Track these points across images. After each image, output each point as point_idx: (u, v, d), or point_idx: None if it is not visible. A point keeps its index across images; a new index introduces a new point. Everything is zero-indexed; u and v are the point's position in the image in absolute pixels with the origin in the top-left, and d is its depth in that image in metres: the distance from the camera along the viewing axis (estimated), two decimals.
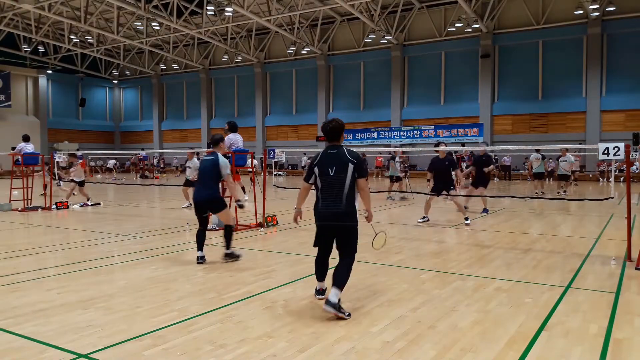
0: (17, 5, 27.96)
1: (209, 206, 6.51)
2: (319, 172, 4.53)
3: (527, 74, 30.11)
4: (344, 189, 4.43)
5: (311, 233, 9.37)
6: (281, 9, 30.53)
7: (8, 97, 39.90)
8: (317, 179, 4.55)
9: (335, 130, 4.59)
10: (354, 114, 35.75)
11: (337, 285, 4.33)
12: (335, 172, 4.45)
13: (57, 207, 13.35)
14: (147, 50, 41.73)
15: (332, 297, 4.25)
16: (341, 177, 4.43)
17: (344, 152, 4.51)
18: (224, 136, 7.05)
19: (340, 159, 4.47)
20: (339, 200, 4.44)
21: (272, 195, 16.71)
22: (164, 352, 3.59)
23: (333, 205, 4.45)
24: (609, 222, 10.60)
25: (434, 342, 3.77)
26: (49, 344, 3.74)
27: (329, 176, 4.47)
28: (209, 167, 6.44)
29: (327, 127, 4.61)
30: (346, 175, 4.43)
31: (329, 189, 4.48)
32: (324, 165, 4.51)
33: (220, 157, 6.46)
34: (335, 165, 4.46)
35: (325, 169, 4.49)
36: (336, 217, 4.45)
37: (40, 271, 6.23)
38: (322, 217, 4.52)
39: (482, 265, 6.52)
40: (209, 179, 6.43)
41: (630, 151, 6.70)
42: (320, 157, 4.58)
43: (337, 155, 4.50)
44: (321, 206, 4.52)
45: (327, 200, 4.48)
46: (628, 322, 4.23)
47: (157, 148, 44.09)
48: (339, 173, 4.44)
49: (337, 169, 4.45)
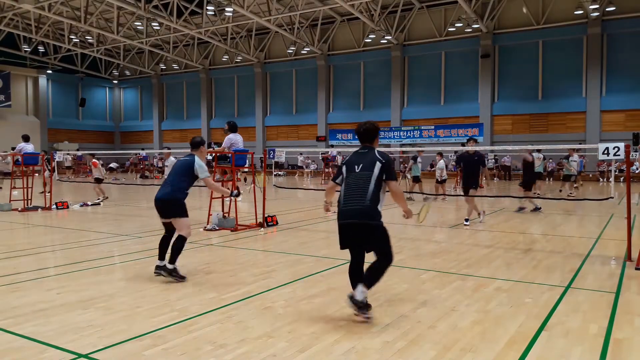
0: (17, 5, 27.96)
1: (164, 207, 5.64)
2: (345, 170, 4.41)
3: (527, 74, 30.10)
4: (369, 187, 4.24)
5: (311, 233, 9.42)
6: (281, 9, 30.53)
7: (8, 97, 39.90)
8: (343, 177, 4.42)
9: (369, 132, 4.50)
10: (354, 114, 35.73)
11: (364, 282, 4.15)
12: (362, 169, 4.31)
13: (57, 207, 13.36)
14: (147, 50, 41.72)
15: (357, 294, 4.08)
16: (367, 174, 4.28)
17: (374, 152, 4.41)
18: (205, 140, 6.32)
19: (369, 157, 4.37)
20: (363, 197, 4.22)
21: (272, 195, 16.71)
22: (164, 352, 3.59)
23: (356, 203, 4.23)
24: (609, 222, 10.60)
25: (434, 342, 3.77)
26: (49, 344, 3.74)
27: (354, 173, 4.33)
28: (180, 165, 5.80)
29: (361, 128, 4.51)
30: (372, 173, 4.26)
31: (353, 185, 4.30)
32: (351, 164, 4.41)
33: (197, 159, 5.82)
34: (362, 162, 4.34)
35: (352, 166, 4.38)
36: (359, 214, 4.21)
37: (40, 271, 6.23)
38: (344, 214, 4.29)
39: (482, 265, 6.52)
40: (174, 177, 5.72)
41: (630, 151, 6.70)
42: (349, 157, 4.51)
43: (366, 154, 4.41)
44: (344, 203, 4.32)
45: (350, 197, 4.28)
46: (628, 322, 4.23)
47: (157, 148, 44.05)
48: (365, 170, 4.30)
49: (364, 165, 4.31)
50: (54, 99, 44.22)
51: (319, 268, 6.30)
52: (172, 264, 5.51)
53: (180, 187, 5.66)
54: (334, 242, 8.45)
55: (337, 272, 6.12)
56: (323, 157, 27.27)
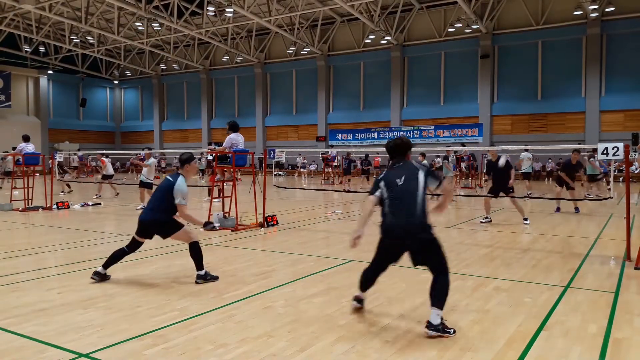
0: (18, 5, 27.98)
1: (156, 229, 5.55)
2: (385, 184, 4.11)
3: (526, 74, 30.12)
4: (417, 199, 3.97)
5: (311, 233, 9.43)
6: (281, 9, 30.55)
7: (8, 98, 39.93)
8: (384, 193, 4.11)
9: (399, 148, 4.30)
10: (354, 114, 35.77)
11: (436, 305, 3.85)
12: (405, 181, 4.05)
13: (58, 207, 13.37)
14: (147, 50, 41.73)
15: (433, 319, 3.81)
16: (411, 185, 4.02)
17: (411, 162, 4.23)
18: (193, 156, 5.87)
19: (409, 167, 4.16)
20: (411, 212, 3.95)
21: (272, 195, 16.72)
22: (165, 352, 3.60)
23: (405, 219, 3.94)
24: (608, 222, 10.61)
25: (434, 342, 3.78)
26: (49, 344, 3.75)
27: (398, 186, 4.04)
28: (161, 187, 5.56)
29: (391, 143, 4.34)
30: (417, 184, 4.02)
31: (398, 200, 4.01)
32: (391, 177, 4.13)
33: (179, 180, 5.46)
34: (403, 174, 4.09)
35: (393, 180, 4.09)
36: (410, 232, 3.93)
37: (41, 271, 6.24)
38: (393, 233, 4.02)
39: (481, 264, 6.53)
40: (155, 198, 5.58)
41: (630, 151, 6.71)
42: (386, 173, 4.23)
43: (404, 166, 4.19)
44: (390, 221, 4.01)
45: (397, 213, 3.99)
46: (627, 321, 4.24)
47: (158, 148, 44.07)
48: (409, 181, 4.04)
49: (407, 177, 4.06)
50: (54, 99, 44.25)
51: (319, 268, 6.31)
52: (199, 269, 5.50)
53: (160, 209, 5.50)
54: (334, 242, 8.49)
55: (337, 272, 6.13)
56: (323, 157, 27.29)
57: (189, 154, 5.78)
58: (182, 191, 5.42)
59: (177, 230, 5.52)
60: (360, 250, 5.00)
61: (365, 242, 5.25)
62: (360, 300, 4.53)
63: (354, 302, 4.54)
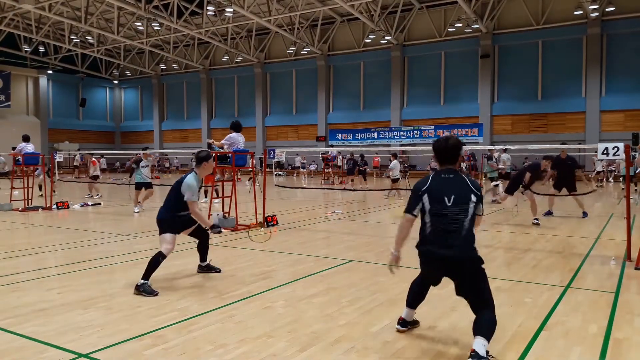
0: (18, 5, 27.97)
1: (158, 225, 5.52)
2: (430, 200, 3.51)
3: (526, 74, 30.12)
4: (465, 225, 3.47)
5: (311, 233, 9.43)
6: (281, 9, 30.54)
7: (8, 97, 39.92)
8: (425, 209, 3.53)
9: (456, 149, 3.61)
10: (354, 114, 35.77)
11: (485, 335, 3.31)
12: (454, 203, 3.47)
13: (58, 207, 13.36)
14: (147, 50, 41.73)
15: (480, 349, 3.23)
16: (463, 209, 3.46)
17: (463, 178, 3.57)
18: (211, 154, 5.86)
19: (461, 186, 3.52)
20: (458, 238, 3.46)
21: (272, 195, 16.71)
22: (164, 352, 3.59)
23: (450, 246, 3.45)
24: (609, 222, 10.61)
25: (434, 342, 3.77)
26: (49, 344, 3.74)
27: (445, 207, 3.47)
28: (173, 186, 5.53)
29: (444, 144, 3.63)
30: (468, 209, 3.47)
31: (443, 223, 3.47)
32: (437, 193, 3.51)
33: (189, 176, 5.43)
34: (454, 193, 3.48)
35: (440, 197, 3.49)
36: (453, 261, 3.48)
37: (41, 271, 6.24)
38: (435, 261, 3.55)
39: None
40: (167, 199, 5.54)
41: (630, 151, 6.70)
42: (430, 183, 3.56)
43: (455, 181, 3.54)
44: (432, 247, 3.52)
45: (440, 238, 3.48)
46: (627, 322, 4.24)
47: (158, 148, 44.06)
48: (459, 204, 3.47)
49: (456, 199, 3.47)
50: (54, 99, 44.25)
51: (319, 268, 6.30)
52: (143, 279, 5.13)
53: (167, 207, 5.48)
54: (334, 242, 8.49)
55: (337, 272, 6.13)
56: (323, 157, 27.29)
57: (206, 152, 5.74)
58: (190, 187, 5.34)
59: (164, 233, 5.39)
60: (361, 250, 5.02)
61: (364, 242, 5.24)
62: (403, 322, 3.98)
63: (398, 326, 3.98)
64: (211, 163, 5.70)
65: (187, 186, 5.35)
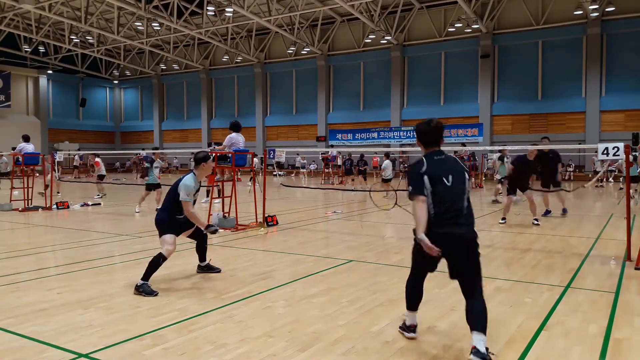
0: (18, 5, 27.97)
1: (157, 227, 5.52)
2: (430, 182, 3.51)
3: (526, 74, 30.11)
4: (466, 204, 3.55)
5: (311, 233, 9.43)
6: (281, 9, 30.54)
7: (8, 97, 39.92)
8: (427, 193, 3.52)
9: (440, 130, 3.66)
10: (354, 114, 35.76)
11: (482, 330, 3.36)
12: (454, 181, 3.53)
13: (58, 207, 13.36)
14: (147, 50, 41.73)
15: (481, 346, 3.28)
16: (460, 188, 3.55)
17: (454, 158, 3.72)
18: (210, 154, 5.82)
19: (455, 166, 3.62)
20: (462, 216, 3.51)
21: (272, 195, 16.71)
22: (164, 352, 3.59)
23: (457, 224, 3.48)
24: (609, 222, 10.61)
25: (434, 342, 3.77)
26: (49, 344, 3.74)
27: (446, 186, 3.51)
28: (171, 188, 5.53)
29: (428, 127, 3.65)
30: (465, 186, 3.57)
31: (447, 202, 3.50)
32: (436, 174, 3.53)
33: (187, 177, 5.44)
34: (451, 173, 3.56)
35: (439, 178, 3.52)
36: (461, 238, 3.50)
37: (41, 271, 6.24)
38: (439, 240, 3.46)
39: (481, 265, 6.51)
40: (165, 201, 5.57)
41: (630, 151, 6.70)
42: (427, 165, 3.57)
43: (447, 161, 3.63)
44: (436, 226, 3.48)
45: (447, 217, 3.48)
46: (628, 321, 4.24)
47: (158, 148, 44.09)
48: (458, 184, 3.54)
49: (454, 178, 3.55)
50: (54, 99, 44.24)
51: (319, 268, 6.31)
52: (143, 279, 5.12)
53: (165, 208, 5.50)
54: (334, 242, 8.49)
55: (337, 272, 6.12)
56: (323, 157, 27.29)
57: (205, 153, 5.71)
58: (186, 187, 5.33)
59: (165, 234, 5.37)
60: (361, 250, 5.02)
61: (364, 242, 5.25)
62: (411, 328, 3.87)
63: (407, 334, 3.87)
64: (210, 164, 5.67)
65: (183, 186, 5.34)
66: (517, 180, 10.39)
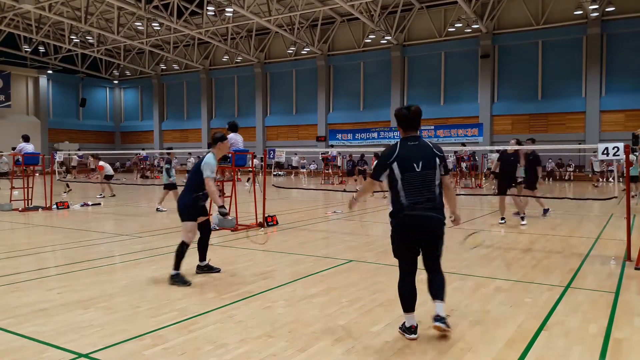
0: (18, 5, 27.96)
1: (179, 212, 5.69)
2: (400, 168, 3.71)
3: (526, 74, 30.10)
4: (436, 188, 3.75)
5: (311, 233, 9.43)
6: (281, 9, 30.54)
7: (8, 97, 39.91)
8: (396, 177, 3.73)
9: (418, 115, 3.81)
10: (354, 114, 35.75)
11: (442, 298, 3.79)
12: (423, 168, 3.71)
13: (58, 207, 13.37)
14: (147, 50, 41.70)
15: (442, 312, 3.75)
16: (430, 173, 3.72)
17: (427, 143, 3.82)
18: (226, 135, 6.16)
19: (426, 151, 3.76)
20: (433, 201, 3.73)
21: (272, 195, 16.71)
22: (164, 352, 3.60)
23: (425, 208, 3.70)
24: (609, 222, 10.61)
25: (434, 342, 3.77)
26: (49, 344, 3.75)
27: (415, 172, 3.70)
28: (192, 170, 5.75)
29: (406, 112, 3.80)
30: (435, 171, 3.74)
31: (417, 187, 3.70)
32: (406, 160, 3.72)
33: (207, 157, 5.65)
34: (421, 159, 3.72)
35: (409, 164, 3.71)
36: (430, 220, 3.72)
37: (41, 271, 6.24)
38: (412, 223, 3.72)
39: (481, 265, 6.52)
40: (187, 181, 5.73)
41: (630, 151, 6.71)
42: (399, 151, 3.75)
43: (420, 147, 3.77)
44: (408, 210, 3.70)
45: (415, 201, 3.70)
46: (628, 321, 4.24)
47: (158, 148, 44.03)
48: (428, 168, 3.72)
49: (425, 163, 3.72)
50: (54, 99, 44.22)
51: (319, 268, 6.31)
52: (174, 269, 5.47)
53: (187, 190, 5.66)
54: (334, 242, 8.49)
55: (337, 272, 6.13)
56: (323, 157, 27.29)
57: (221, 133, 6.02)
58: (209, 164, 5.56)
59: (185, 220, 5.60)
60: (361, 250, 5.02)
61: (364, 242, 5.25)
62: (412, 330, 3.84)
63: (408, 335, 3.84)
64: (226, 144, 6.01)
65: (206, 165, 5.56)
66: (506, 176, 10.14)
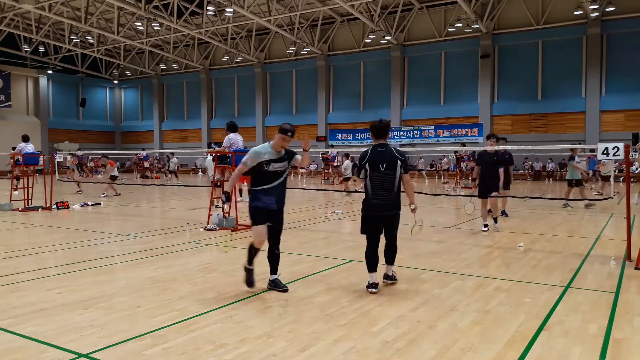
0: (18, 5, 27.96)
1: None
2: (370, 167, 5.08)
3: (526, 74, 30.10)
4: (395, 183, 5.07)
5: (311, 233, 9.43)
6: (281, 9, 30.54)
7: (8, 97, 39.90)
8: (367, 174, 5.10)
9: (385, 129, 5.17)
10: (354, 114, 35.74)
11: (391, 263, 5.44)
12: (386, 168, 5.04)
13: (58, 207, 13.36)
14: (147, 50, 41.71)
15: (390, 273, 5.49)
16: (392, 172, 5.05)
17: (391, 150, 5.12)
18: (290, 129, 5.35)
19: (389, 156, 5.07)
20: (391, 192, 5.07)
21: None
22: (164, 352, 3.60)
23: (385, 198, 5.06)
24: (609, 222, 10.61)
25: (434, 342, 3.78)
26: (49, 344, 3.75)
27: (380, 172, 5.06)
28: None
29: (378, 125, 5.15)
30: (396, 171, 5.06)
31: (380, 183, 5.06)
32: (375, 162, 5.07)
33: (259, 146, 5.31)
34: (385, 162, 5.04)
35: (376, 165, 5.06)
36: (388, 207, 5.09)
37: (41, 271, 6.24)
38: (376, 208, 5.11)
39: (481, 265, 6.53)
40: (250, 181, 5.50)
41: (630, 151, 6.71)
42: (370, 155, 5.11)
43: (386, 152, 5.08)
44: (374, 199, 5.09)
45: (379, 193, 5.07)
46: (628, 321, 4.24)
47: (158, 148, 44.05)
48: (389, 169, 5.04)
49: (388, 165, 5.04)
50: (54, 99, 44.21)
51: (319, 268, 6.31)
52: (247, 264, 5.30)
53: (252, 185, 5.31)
54: (334, 242, 8.49)
55: (337, 272, 6.13)
56: (323, 157, 27.27)
57: (290, 125, 5.21)
58: (253, 152, 5.16)
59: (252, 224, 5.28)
60: (361, 250, 5.01)
61: (364, 242, 5.27)
62: (373, 285, 5.13)
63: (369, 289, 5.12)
64: (288, 138, 5.16)
65: (251, 152, 5.21)
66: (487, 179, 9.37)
